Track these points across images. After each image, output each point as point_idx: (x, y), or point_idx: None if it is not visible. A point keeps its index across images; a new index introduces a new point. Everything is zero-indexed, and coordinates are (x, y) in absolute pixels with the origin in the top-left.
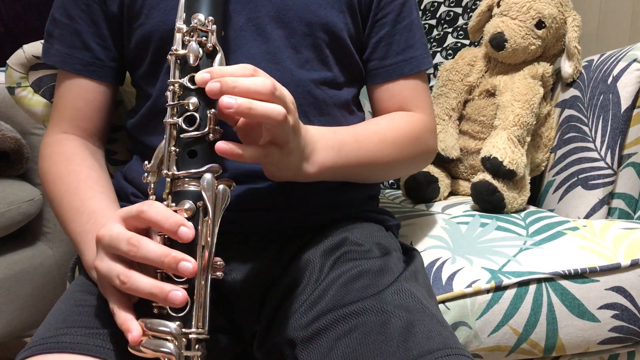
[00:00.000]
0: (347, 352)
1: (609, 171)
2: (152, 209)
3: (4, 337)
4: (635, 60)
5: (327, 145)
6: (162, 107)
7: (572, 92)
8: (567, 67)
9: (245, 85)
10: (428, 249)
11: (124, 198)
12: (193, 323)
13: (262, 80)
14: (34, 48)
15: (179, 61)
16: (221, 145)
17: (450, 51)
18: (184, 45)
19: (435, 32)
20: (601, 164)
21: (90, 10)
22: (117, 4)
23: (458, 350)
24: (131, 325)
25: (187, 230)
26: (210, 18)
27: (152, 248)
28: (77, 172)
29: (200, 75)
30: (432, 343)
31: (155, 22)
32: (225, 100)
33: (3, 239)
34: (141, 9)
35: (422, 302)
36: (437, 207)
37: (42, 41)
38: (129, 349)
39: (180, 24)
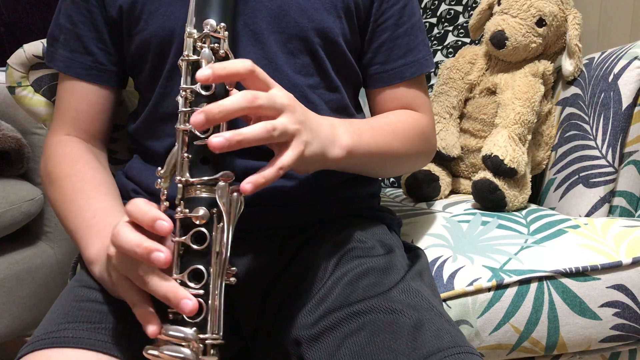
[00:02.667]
0: (355, 351)
1: (610, 169)
2: (131, 206)
3: (5, 337)
4: (636, 58)
5: (348, 129)
6: (161, 111)
7: (573, 90)
8: (568, 65)
9: (227, 110)
10: (429, 248)
11: (125, 195)
12: (208, 328)
13: (242, 96)
14: (35, 47)
15: (190, 67)
16: (246, 187)
17: (450, 49)
18: (196, 51)
19: (435, 31)
20: (602, 162)
21: (91, 15)
22: (116, 10)
23: (467, 349)
24: (151, 318)
25: (163, 224)
26: (222, 24)
27: (129, 237)
28: (82, 173)
29: (202, 73)
30: (441, 341)
31: (154, 29)
32: (215, 141)
33: (4, 239)
34: (140, 15)
35: (430, 300)
36: (438, 205)
37: (43, 41)
38: (144, 353)
39: (190, 29)
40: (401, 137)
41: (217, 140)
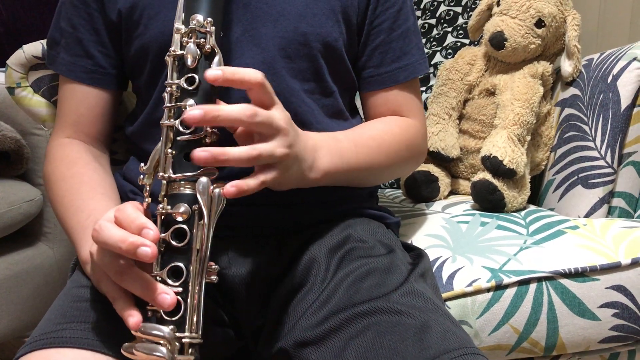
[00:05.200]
0: (360, 352)
1: (609, 170)
2: (119, 213)
3: (4, 338)
4: (635, 59)
5: (330, 152)
6: (159, 114)
7: (572, 91)
8: (567, 66)
9: (225, 116)
10: (428, 248)
11: (124, 197)
12: (187, 327)
13: (243, 109)
14: (34, 48)
15: (176, 62)
16: (230, 190)
17: (450, 50)
18: (182, 47)
19: (435, 32)
20: (601, 162)
21: (91, 19)
22: (116, 13)
23: (474, 350)
24: (132, 310)
25: (149, 232)
26: (209, 19)
27: (112, 233)
28: (80, 174)
29: (211, 73)
30: (448, 343)
31: (154, 33)
32: (200, 155)
33: (3, 239)
34: (140, 19)
35: (435, 302)
36: (437, 206)
37: (42, 41)
38: (122, 351)
39: (178, 24)
40: (386, 150)
41: (203, 154)
